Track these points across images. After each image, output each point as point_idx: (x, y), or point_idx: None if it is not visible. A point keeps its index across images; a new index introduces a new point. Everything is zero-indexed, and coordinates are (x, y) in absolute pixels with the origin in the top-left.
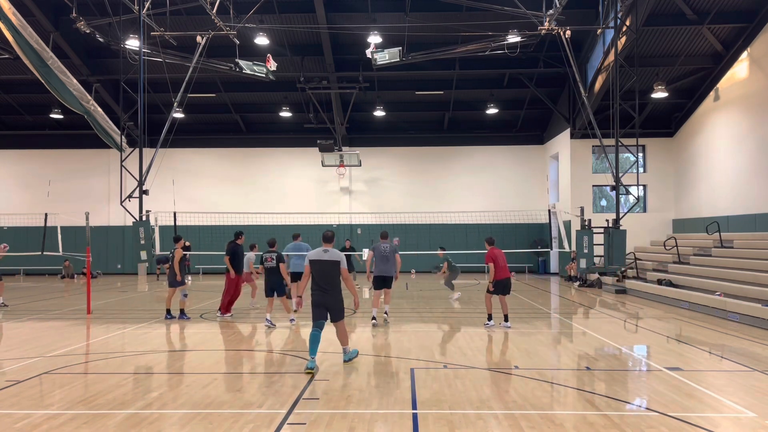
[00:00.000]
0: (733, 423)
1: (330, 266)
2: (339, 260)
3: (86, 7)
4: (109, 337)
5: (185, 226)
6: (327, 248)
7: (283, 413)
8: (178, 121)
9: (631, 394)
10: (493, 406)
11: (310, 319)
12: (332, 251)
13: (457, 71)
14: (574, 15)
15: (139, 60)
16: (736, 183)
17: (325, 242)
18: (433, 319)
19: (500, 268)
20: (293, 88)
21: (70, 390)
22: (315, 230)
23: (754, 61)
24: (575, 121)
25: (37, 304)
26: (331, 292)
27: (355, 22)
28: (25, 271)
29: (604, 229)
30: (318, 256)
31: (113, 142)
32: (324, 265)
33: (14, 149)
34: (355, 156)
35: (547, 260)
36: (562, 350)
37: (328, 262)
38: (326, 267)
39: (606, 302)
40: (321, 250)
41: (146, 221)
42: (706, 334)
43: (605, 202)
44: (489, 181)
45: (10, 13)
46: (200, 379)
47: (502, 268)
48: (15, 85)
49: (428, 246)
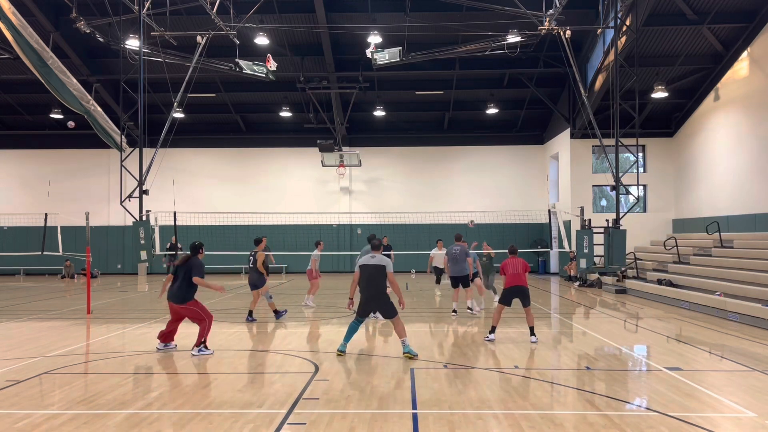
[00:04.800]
0: (733, 423)
1: (376, 270)
2: (385, 264)
3: (86, 7)
4: (109, 337)
5: (185, 226)
6: (374, 254)
7: (283, 413)
8: (178, 121)
9: (631, 394)
10: (493, 406)
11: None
12: (379, 256)
13: (457, 71)
14: (574, 15)
15: (139, 60)
16: (736, 183)
17: (374, 249)
18: (434, 319)
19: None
20: (293, 88)
21: (70, 390)
22: (315, 230)
23: (754, 61)
24: (575, 121)
25: (37, 304)
26: (377, 294)
27: (355, 22)
28: (25, 271)
29: (604, 229)
30: (366, 261)
31: (113, 142)
32: (372, 269)
33: (14, 149)
34: (355, 156)
35: (547, 260)
36: (562, 350)
37: (375, 266)
38: (373, 271)
39: (606, 302)
40: (369, 256)
41: (146, 221)
42: (706, 334)
43: (605, 202)
44: (489, 181)
45: (10, 13)
46: (200, 379)
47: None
48: (15, 85)
49: (428, 246)
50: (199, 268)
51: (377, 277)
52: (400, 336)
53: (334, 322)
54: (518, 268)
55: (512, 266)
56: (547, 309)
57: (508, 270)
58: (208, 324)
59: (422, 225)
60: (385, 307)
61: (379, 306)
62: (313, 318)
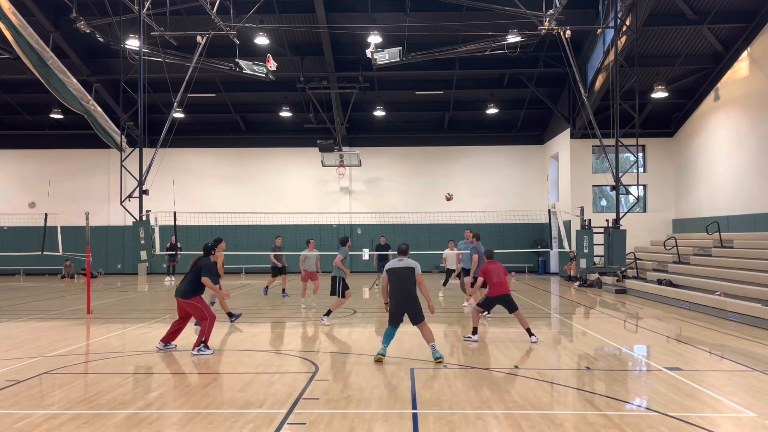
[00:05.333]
0: (733, 423)
1: (405, 273)
2: (414, 267)
3: (86, 7)
4: (109, 337)
5: (185, 226)
6: (402, 258)
7: (283, 413)
8: (178, 121)
9: (631, 394)
10: (493, 406)
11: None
12: (407, 260)
13: (457, 71)
14: (574, 15)
15: (139, 60)
16: (736, 183)
17: (401, 254)
18: (433, 319)
19: (493, 285)
20: (293, 88)
21: (70, 390)
22: (315, 230)
23: (754, 61)
24: (575, 121)
25: (37, 304)
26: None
27: (355, 22)
28: (25, 271)
29: (604, 229)
30: (394, 265)
31: (113, 142)
32: (400, 273)
33: (14, 149)
34: (355, 156)
35: (547, 260)
36: (562, 350)
37: (403, 269)
38: (402, 274)
39: (606, 302)
40: (397, 260)
41: (146, 221)
42: (706, 334)
43: (605, 202)
44: (489, 181)
45: (10, 13)
46: (200, 379)
47: (495, 285)
48: (15, 85)
49: (428, 246)
50: (209, 269)
51: (405, 281)
52: (429, 341)
53: (335, 322)
54: (501, 275)
55: (496, 273)
56: (547, 309)
57: (492, 278)
58: (209, 324)
59: (422, 225)
60: (413, 311)
61: (408, 309)
62: (313, 318)
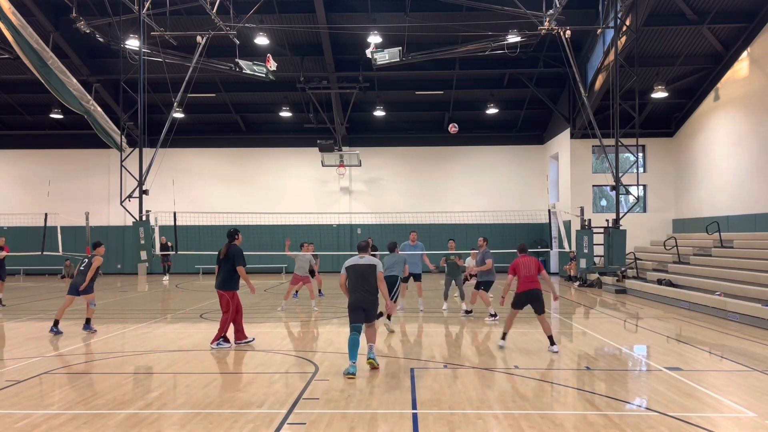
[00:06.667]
0: (733, 423)
1: (367, 270)
2: (375, 264)
3: (86, 7)
4: (109, 337)
5: (185, 226)
6: (363, 255)
7: (283, 413)
8: (178, 121)
9: (631, 394)
10: (493, 406)
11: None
12: (367, 257)
13: (457, 71)
14: (574, 15)
15: (139, 60)
16: (736, 183)
17: (360, 251)
18: (433, 318)
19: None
20: (293, 88)
21: (70, 390)
22: (315, 230)
23: (754, 61)
24: (575, 121)
25: (37, 304)
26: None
27: (355, 22)
28: (25, 271)
29: (604, 229)
30: (354, 262)
31: (113, 142)
32: (361, 270)
33: (14, 149)
34: (355, 156)
35: (547, 260)
36: (562, 350)
37: (364, 266)
38: (364, 271)
39: (606, 302)
40: (357, 257)
41: (146, 221)
42: (706, 334)
43: (605, 202)
44: (489, 181)
45: (10, 13)
46: (200, 379)
47: (523, 279)
48: (15, 85)
49: (428, 246)
50: (241, 256)
51: (369, 278)
52: (369, 341)
53: (335, 322)
54: (531, 269)
55: (525, 267)
56: (547, 309)
57: (521, 272)
58: (228, 319)
59: (422, 225)
60: (373, 309)
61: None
62: (314, 318)
